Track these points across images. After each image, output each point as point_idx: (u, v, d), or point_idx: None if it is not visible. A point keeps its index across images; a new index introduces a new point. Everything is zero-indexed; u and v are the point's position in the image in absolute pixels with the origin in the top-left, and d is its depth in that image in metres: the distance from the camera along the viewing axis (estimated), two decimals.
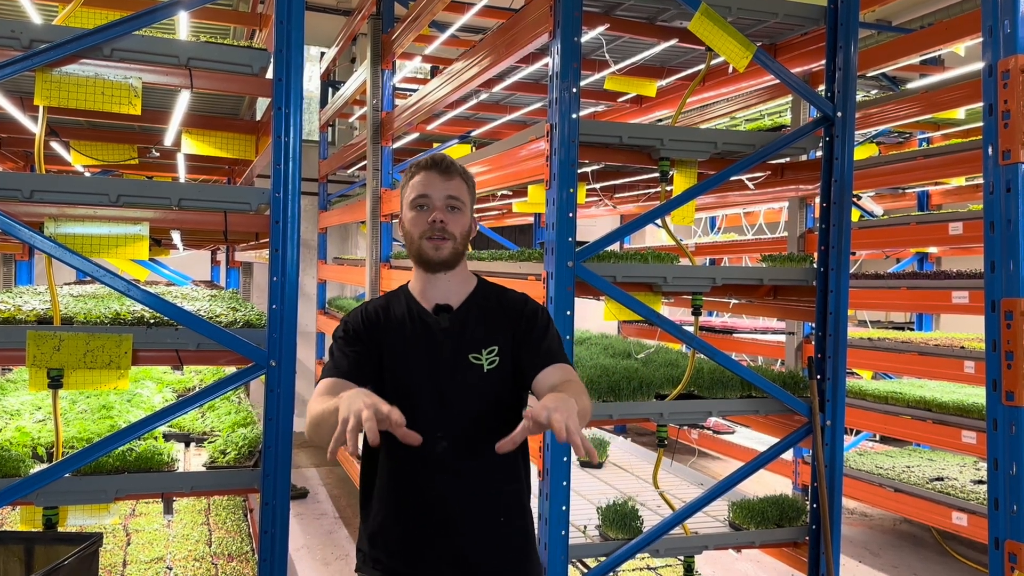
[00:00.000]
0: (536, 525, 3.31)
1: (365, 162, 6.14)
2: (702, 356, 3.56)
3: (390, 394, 1.89)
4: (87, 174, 5.73)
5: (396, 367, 1.94)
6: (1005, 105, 2.26)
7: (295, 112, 2.89)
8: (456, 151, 6.96)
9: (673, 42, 3.90)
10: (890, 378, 6.28)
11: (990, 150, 2.32)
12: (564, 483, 3.12)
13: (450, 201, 1.94)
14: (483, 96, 6.15)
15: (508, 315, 2.01)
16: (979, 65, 2.43)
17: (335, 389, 1.84)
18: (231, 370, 3.58)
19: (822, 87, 3.56)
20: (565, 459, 3.14)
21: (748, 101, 4.91)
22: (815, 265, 3.56)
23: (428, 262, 1.94)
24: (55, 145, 5.42)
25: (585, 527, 3.51)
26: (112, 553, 3.81)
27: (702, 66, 3.68)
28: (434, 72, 6.90)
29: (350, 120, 8.98)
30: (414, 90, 6.34)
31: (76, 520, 2.95)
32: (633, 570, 4.32)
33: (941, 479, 5.09)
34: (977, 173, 4.73)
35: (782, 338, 6.40)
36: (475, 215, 2.04)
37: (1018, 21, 2.25)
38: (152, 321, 2.88)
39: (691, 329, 3.60)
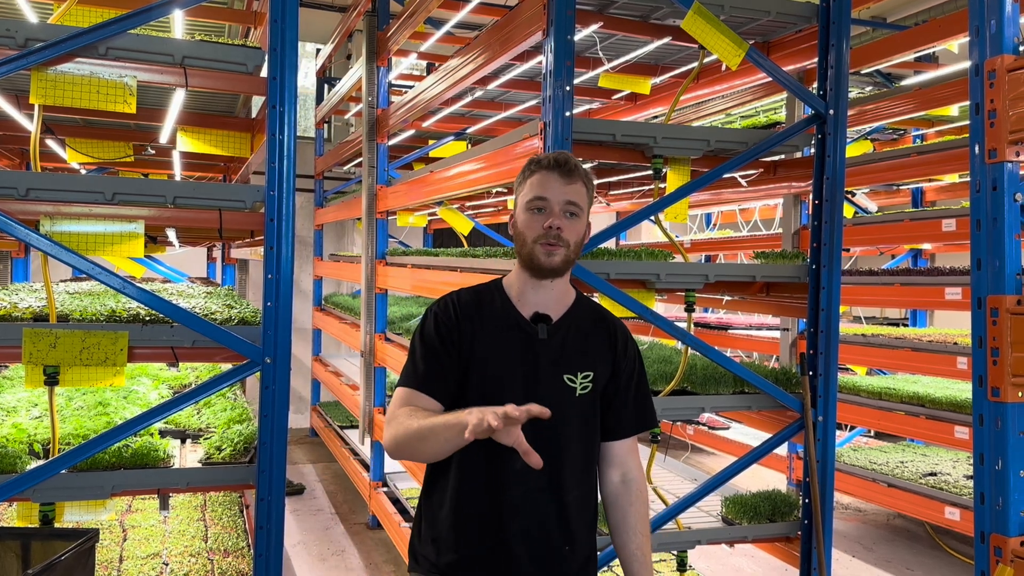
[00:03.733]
0: None
1: (361, 159, 6.15)
2: (696, 352, 3.58)
3: (474, 395, 1.83)
4: (83, 171, 5.74)
5: (487, 369, 1.85)
6: (991, 104, 2.28)
7: (290, 110, 2.90)
8: (451, 148, 6.97)
9: (666, 40, 3.92)
10: (884, 374, 6.31)
11: (977, 149, 2.34)
12: None
13: (568, 207, 1.84)
14: (478, 93, 6.17)
15: (607, 343, 1.95)
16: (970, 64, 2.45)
17: (415, 401, 1.81)
18: (227, 367, 3.59)
19: (815, 85, 3.58)
20: None
21: (743, 98, 4.93)
22: (807, 262, 3.58)
23: (539, 268, 1.85)
24: (51, 143, 5.42)
25: None
26: (109, 549, 3.83)
27: (696, 63, 3.69)
28: (430, 69, 6.91)
29: (346, 117, 8.98)
30: (410, 87, 6.36)
31: (72, 516, 2.97)
32: None
33: (934, 474, 5.12)
34: (970, 170, 4.76)
35: (777, 334, 6.42)
36: (589, 219, 1.95)
37: (1004, 21, 2.27)
38: (148, 318, 2.90)
39: (685, 325, 3.62)
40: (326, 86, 8.68)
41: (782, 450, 5.48)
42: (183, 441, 3.66)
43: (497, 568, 1.82)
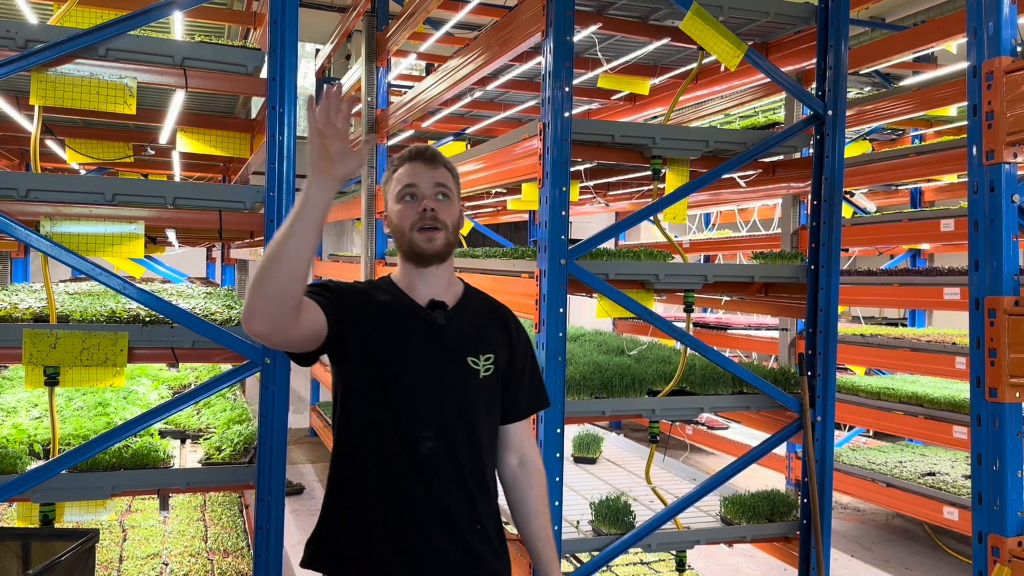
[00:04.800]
0: None
1: None
2: (695, 353, 3.59)
3: (372, 384, 1.82)
4: (83, 172, 5.74)
5: (386, 358, 1.82)
6: (989, 106, 2.29)
7: (289, 111, 2.91)
8: (451, 148, 6.98)
9: (665, 41, 3.93)
10: (883, 374, 6.32)
11: (974, 150, 2.34)
12: (557, 479, 3.15)
13: (439, 189, 1.86)
14: (478, 94, 6.17)
15: (502, 326, 1.99)
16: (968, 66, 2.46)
17: None
18: (226, 367, 3.61)
19: (814, 85, 3.59)
20: (558, 455, 3.16)
21: (743, 98, 4.94)
22: (806, 262, 3.59)
23: (421, 255, 1.85)
24: (51, 143, 5.43)
25: (578, 522, 3.54)
26: (109, 549, 3.84)
27: (695, 64, 3.70)
28: (429, 69, 6.91)
29: None
30: (409, 87, 6.36)
31: (73, 516, 2.97)
32: (626, 564, 4.36)
33: (933, 474, 5.13)
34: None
35: (776, 334, 6.43)
36: (462, 207, 1.97)
37: (1002, 23, 2.27)
38: (148, 319, 2.90)
39: (684, 326, 3.63)
40: (325, 86, 8.67)
41: (781, 450, 5.49)
42: (183, 441, 3.66)
43: (410, 556, 1.81)
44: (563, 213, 3.15)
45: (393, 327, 1.85)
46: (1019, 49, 2.34)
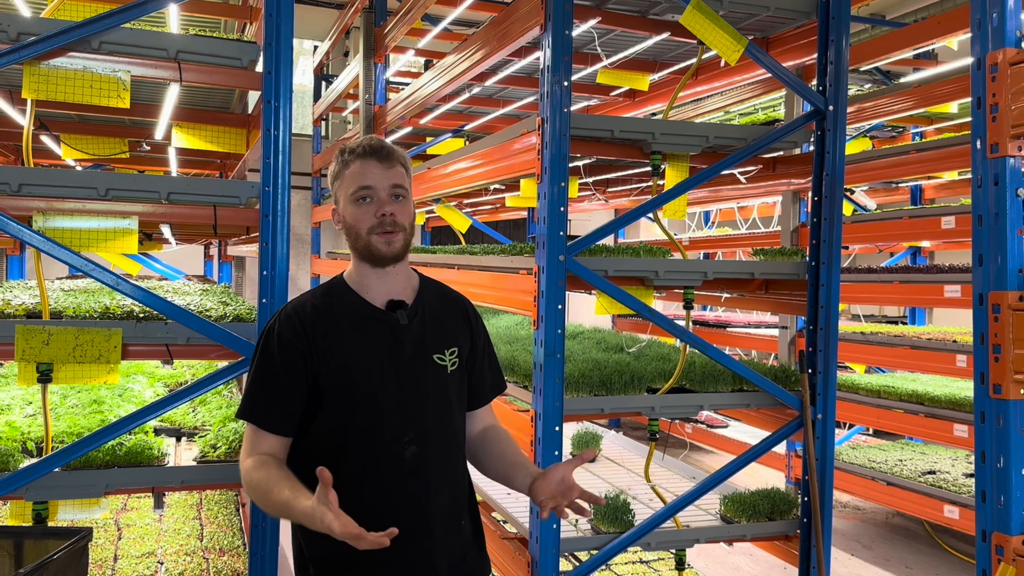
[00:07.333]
0: (527, 519, 3.33)
1: None
2: (694, 350, 3.56)
3: (341, 400, 1.79)
4: (78, 168, 5.71)
5: (353, 373, 1.79)
6: (993, 98, 2.26)
7: (284, 106, 2.88)
8: (449, 145, 6.95)
9: (665, 36, 3.90)
10: (883, 372, 6.30)
11: (979, 143, 2.32)
12: None
13: (395, 190, 1.82)
14: (476, 90, 6.14)
15: (462, 319, 1.98)
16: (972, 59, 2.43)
17: (260, 444, 1.78)
18: (222, 364, 3.57)
19: (815, 81, 3.56)
20: (556, 453, 3.14)
21: (743, 95, 4.91)
22: (806, 259, 3.56)
23: (380, 258, 1.82)
24: (45, 139, 5.39)
25: (577, 520, 3.51)
26: (103, 547, 3.81)
27: (695, 60, 3.67)
28: (427, 66, 6.89)
29: (344, 114, 8.96)
30: (407, 84, 6.33)
31: (66, 514, 2.94)
32: (626, 563, 4.33)
33: (933, 472, 5.11)
34: (969, 167, 4.75)
35: (775, 332, 6.40)
36: (413, 203, 1.92)
37: (1006, 14, 2.25)
38: (142, 315, 2.87)
39: (683, 323, 3.60)
40: (323, 83, 8.65)
41: (781, 448, 5.46)
42: (178, 439, 3.63)
43: (407, 561, 1.79)
44: (562, 209, 3.12)
45: (356, 342, 1.82)
46: (1023, 43, 2.31)
